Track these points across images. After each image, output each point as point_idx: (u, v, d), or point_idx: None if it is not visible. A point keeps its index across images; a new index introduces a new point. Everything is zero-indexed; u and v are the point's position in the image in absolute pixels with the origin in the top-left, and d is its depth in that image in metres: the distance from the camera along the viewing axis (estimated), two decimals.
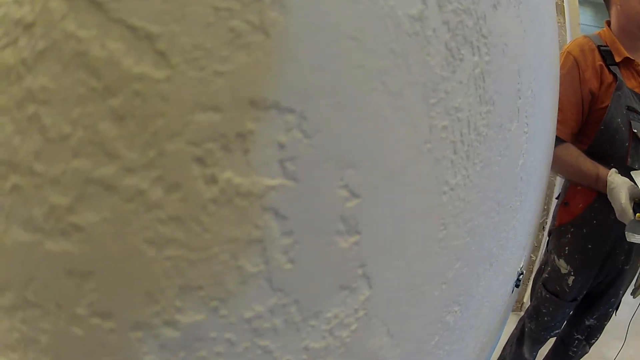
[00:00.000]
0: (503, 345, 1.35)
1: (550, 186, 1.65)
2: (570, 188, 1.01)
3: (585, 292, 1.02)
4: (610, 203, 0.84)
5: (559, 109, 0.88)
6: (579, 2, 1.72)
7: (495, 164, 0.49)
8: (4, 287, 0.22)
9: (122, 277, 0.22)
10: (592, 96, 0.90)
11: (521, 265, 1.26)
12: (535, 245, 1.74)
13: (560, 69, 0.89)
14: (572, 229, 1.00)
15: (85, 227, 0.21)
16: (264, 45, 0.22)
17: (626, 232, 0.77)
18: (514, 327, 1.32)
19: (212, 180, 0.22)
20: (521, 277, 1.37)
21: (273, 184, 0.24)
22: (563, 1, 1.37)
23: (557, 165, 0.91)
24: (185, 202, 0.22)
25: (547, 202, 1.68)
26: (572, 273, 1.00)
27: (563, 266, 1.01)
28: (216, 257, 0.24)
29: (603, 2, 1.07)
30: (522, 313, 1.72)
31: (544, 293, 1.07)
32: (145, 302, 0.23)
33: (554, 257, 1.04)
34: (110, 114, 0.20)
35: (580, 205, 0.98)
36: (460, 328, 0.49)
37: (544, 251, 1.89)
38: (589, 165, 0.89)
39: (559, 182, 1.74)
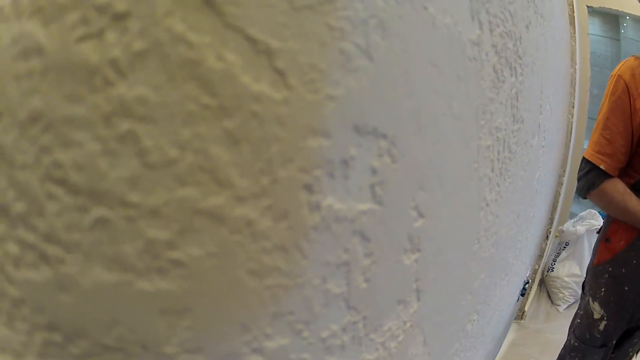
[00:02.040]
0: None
1: (556, 195, 1.55)
2: (612, 224, 0.89)
3: (615, 339, 0.89)
4: None
5: (608, 141, 0.78)
6: (588, 12, 1.62)
7: (519, 178, 0.50)
8: (78, 335, 0.17)
9: (219, 310, 0.19)
10: None
11: (527, 275, 1.24)
12: (538, 254, 1.63)
13: (611, 95, 0.79)
14: (610, 269, 0.87)
15: (187, 263, 0.17)
16: (368, 70, 0.20)
17: None
18: (514, 334, 1.25)
19: (316, 207, 0.19)
20: (527, 286, 1.28)
21: (364, 209, 0.22)
22: (574, 12, 1.30)
23: (603, 201, 0.82)
24: (291, 231, 0.19)
25: (551, 212, 1.58)
26: (605, 318, 0.88)
27: (597, 310, 0.89)
28: (309, 282, 0.21)
29: (612, 13, 0.98)
30: (524, 321, 1.64)
31: (572, 341, 0.94)
32: (237, 333, 0.20)
33: (588, 300, 0.91)
34: (224, 137, 0.16)
35: (622, 243, 0.85)
36: (475, 336, 0.49)
37: (545, 262, 1.76)
38: (634, 203, 0.78)
39: (564, 192, 1.70)
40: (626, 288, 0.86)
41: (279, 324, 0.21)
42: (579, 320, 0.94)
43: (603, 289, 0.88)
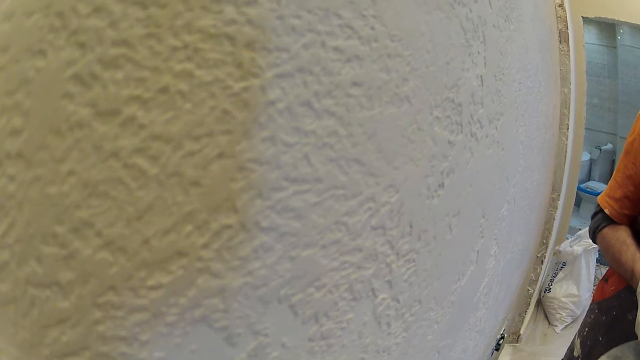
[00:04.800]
0: None
1: (549, 220, 1.50)
2: None
3: None
4: (637, 302, 0.65)
5: (618, 185, 0.71)
6: (584, 22, 1.50)
7: (433, 335, 0.42)
8: None
9: None
10: None
11: (502, 331, 1.18)
12: (533, 278, 1.61)
13: (629, 135, 0.70)
14: (596, 311, 0.80)
15: None
16: None
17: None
18: (509, 358, 1.23)
19: None
20: (502, 341, 1.21)
21: None
22: (567, 28, 1.21)
23: (602, 247, 0.75)
24: None
25: (545, 236, 1.54)
26: None
27: (577, 347, 0.83)
28: None
29: (607, 21, 0.88)
30: (519, 344, 1.63)
31: None
32: None
33: (577, 334, 0.85)
34: None
35: (613, 288, 0.77)
36: None
37: (542, 282, 1.76)
38: (628, 256, 0.68)
39: (560, 212, 1.60)
40: (600, 338, 0.78)
41: None
42: (567, 351, 0.89)
43: (586, 329, 0.83)
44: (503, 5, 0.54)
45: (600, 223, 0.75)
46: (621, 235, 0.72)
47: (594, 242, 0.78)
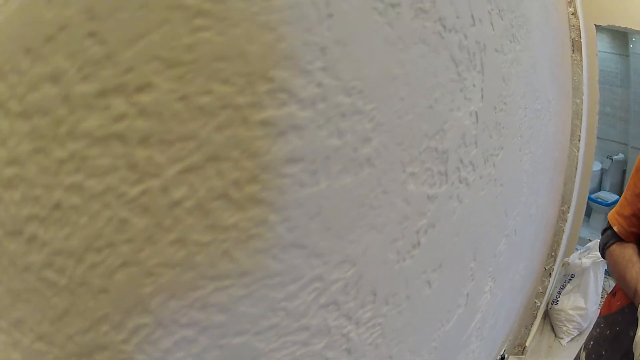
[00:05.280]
0: None
1: (559, 232, 1.49)
2: None
3: None
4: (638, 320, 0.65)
5: (628, 202, 0.70)
6: (596, 29, 1.47)
7: None
8: None
9: None
10: None
11: (502, 352, 1.15)
12: (540, 291, 1.61)
13: None
14: (602, 325, 0.80)
15: None
16: None
17: None
18: None
19: None
20: None
21: None
22: (580, 37, 1.18)
23: (610, 264, 0.75)
24: None
25: (554, 249, 1.55)
26: None
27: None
28: None
29: (620, 29, 0.85)
30: (524, 356, 1.62)
31: None
32: None
33: (582, 347, 0.85)
34: None
35: (619, 303, 0.77)
36: None
37: (550, 294, 1.74)
38: (632, 274, 0.69)
39: (570, 224, 1.60)
40: (603, 352, 0.77)
41: None
42: None
43: (592, 342, 0.83)
44: (508, 24, 0.48)
45: (609, 240, 0.74)
46: (627, 253, 0.72)
47: (603, 257, 0.76)
